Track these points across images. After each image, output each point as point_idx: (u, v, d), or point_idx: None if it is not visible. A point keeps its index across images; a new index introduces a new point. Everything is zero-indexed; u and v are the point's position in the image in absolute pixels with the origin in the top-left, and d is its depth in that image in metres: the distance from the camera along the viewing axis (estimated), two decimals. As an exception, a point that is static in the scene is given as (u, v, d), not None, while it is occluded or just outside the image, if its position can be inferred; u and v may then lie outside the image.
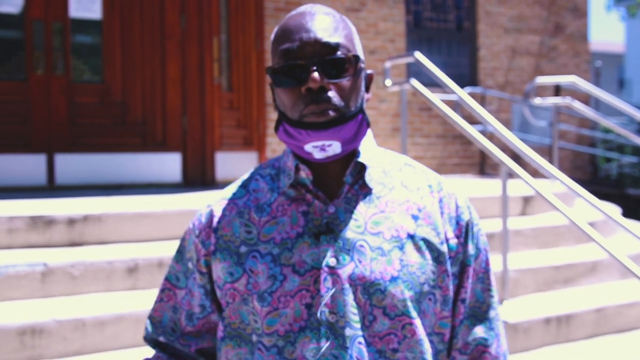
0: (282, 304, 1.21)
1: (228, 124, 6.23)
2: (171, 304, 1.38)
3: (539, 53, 9.31)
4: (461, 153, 8.71)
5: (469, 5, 8.87)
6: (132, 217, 3.80)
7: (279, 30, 1.27)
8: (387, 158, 1.36)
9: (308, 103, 1.20)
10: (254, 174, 1.37)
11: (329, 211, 1.25)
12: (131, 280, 3.43)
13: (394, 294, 1.20)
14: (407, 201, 1.29)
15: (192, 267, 1.34)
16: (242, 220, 1.29)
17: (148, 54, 5.67)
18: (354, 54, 1.24)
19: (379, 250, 1.22)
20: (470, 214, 1.33)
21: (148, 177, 5.66)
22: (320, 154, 1.23)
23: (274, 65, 1.25)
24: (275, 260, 1.23)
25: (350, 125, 1.22)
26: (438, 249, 1.26)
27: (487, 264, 1.35)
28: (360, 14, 7.99)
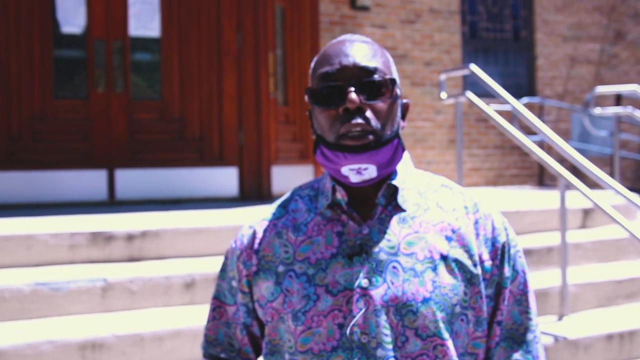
0: (315, 323, 1.24)
1: (284, 138, 6.29)
2: (223, 320, 1.42)
3: (599, 61, 9.10)
4: (519, 164, 8.57)
5: (526, 14, 8.75)
6: (188, 232, 3.87)
7: (319, 57, 1.32)
8: (423, 179, 1.37)
9: (345, 122, 1.23)
10: (294, 194, 1.41)
11: (362, 232, 1.27)
12: (188, 295, 3.48)
13: (426, 315, 1.21)
14: (442, 222, 1.29)
15: (236, 285, 1.38)
16: (281, 240, 1.32)
17: (205, 70, 5.77)
18: (390, 77, 1.27)
19: (412, 272, 1.23)
20: (507, 236, 1.32)
21: (205, 192, 5.75)
22: (356, 178, 1.26)
23: (313, 87, 1.28)
24: (309, 280, 1.26)
25: (386, 149, 1.25)
26: (471, 271, 1.26)
27: (525, 286, 1.34)
28: (416, 25, 7.97)
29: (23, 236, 3.53)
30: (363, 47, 1.28)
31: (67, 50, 5.49)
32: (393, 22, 7.84)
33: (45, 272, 3.41)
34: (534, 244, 4.36)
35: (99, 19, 5.48)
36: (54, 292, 3.23)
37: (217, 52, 5.80)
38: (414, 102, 7.98)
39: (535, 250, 4.33)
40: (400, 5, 7.88)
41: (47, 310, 3.23)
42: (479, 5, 8.46)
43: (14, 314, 3.18)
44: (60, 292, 3.25)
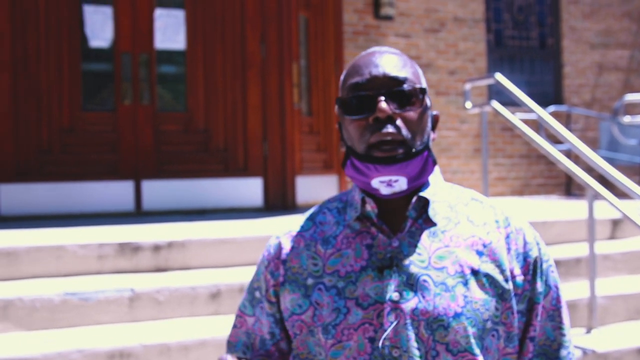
0: (345, 336, 1.23)
1: (308, 148, 6.31)
2: (244, 329, 1.43)
3: (628, 68, 9.00)
4: (546, 173, 8.49)
5: (552, 21, 8.69)
6: (213, 242, 3.89)
7: (349, 68, 1.32)
8: (454, 192, 1.36)
9: (375, 132, 1.23)
10: (322, 207, 1.41)
11: (392, 245, 1.26)
12: (214, 305, 3.50)
13: (457, 330, 1.20)
14: (473, 236, 1.28)
15: (259, 296, 1.38)
16: (309, 252, 1.32)
17: (230, 81, 5.82)
18: (420, 87, 1.27)
19: (443, 286, 1.22)
20: (539, 250, 1.31)
21: (230, 202, 5.78)
22: (386, 190, 1.25)
23: (343, 97, 1.29)
24: (339, 293, 1.25)
25: (417, 161, 1.24)
26: (502, 286, 1.24)
27: (559, 302, 1.32)
28: (440, 34, 7.95)
29: (53, 247, 3.58)
30: (393, 58, 1.28)
31: (95, 63, 5.56)
32: (417, 31, 7.84)
33: (74, 282, 3.45)
34: (561, 255, 4.32)
35: (125, 33, 5.55)
36: (83, 302, 3.27)
37: (241, 64, 5.84)
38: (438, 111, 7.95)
39: (563, 261, 4.28)
40: (424, 14, 7.87)
41: (76, 319, 3.26)
42: (505, 13, 8.42)
43: (44, 323, 3.22)
44: (89, 302, 3.28)
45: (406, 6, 7.77)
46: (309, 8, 6.47)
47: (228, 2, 5.83)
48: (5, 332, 3.18)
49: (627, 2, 9.02)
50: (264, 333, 1.39)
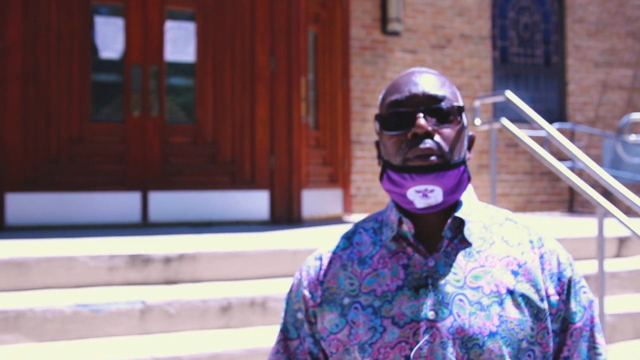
0: (382, 355, 1.24)
1: (314, 162, 6.32)
2: (286, 355, 1.41)
3: (632, 87, 9.04)
4: (549, 190, 8.51)
5: (557, 39, 8.74)
6: (224, 256, 3.89)
7: (388, 87, 1.35)
8: (488, 212, 1.37)
9: (413, 147, 1.25)
10: (358, 227, 1.41)
11: (428, 265, 1.27)
12: (224, 319, 3.50)
13: (492, 350, 1.20)
14: (508, 256, 1.29)
15: (301, 317, 1.38)
16: (346, 272, 1.33)
17: (238, 94, 5.84)
18: (458, 105, 1.30)
19: (478, 305, 1.23)
20: (572, 271, 1.32)
21: (236, 215, 5.79)
22: (422, 201, 1.26)
23: (382, 113, 1.31)
24: (376, 312, 1.26)
25: (453, 173, 1.26)
26: (538, 306, 1.25)
27: (593, 322, 1.32)
28: (446, 50, 7.99)
29: (64, 258, 3.59)
30: (431, 77, 1.31)
31: (104, 74, 5.59)
32: (423, 47, 7.87)
33: (85, 293, 3.45)
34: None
35: (136, 45, 5.58)
36: (94, 313, 3.27)
37: (250, 77, 5.87)
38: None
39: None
40: (431, 31, 7.92)
41: (87, 331, 3.26)
42: (510, 30, 8.47)
43: (55, 334, 3.22)
44: (100, 313, 3.28)
45: (413, 22, 7.81)
46: (318, 23, 6.50)
47: (238, 16, 5.86)
48: (17, 342, 3.18)
49: (631, 22, 9.08)
50: (306, 355, 1.38)
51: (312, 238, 4.44)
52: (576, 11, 8.74)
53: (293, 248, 4.06)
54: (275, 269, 3.98)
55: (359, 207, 7.49)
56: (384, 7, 7.57)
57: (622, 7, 9.03)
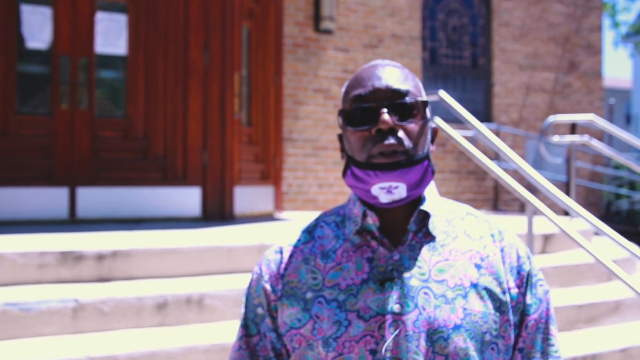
0: (346, 349, 1.23)
1: (246, 159, 6.28)
2: (248, 351, 1.39)
3: (553, 90, 9.38)
4: (475, 189, 8.73)
5: (484, 42, 8.97)
6: (158, 252, 3.82)
7: (351, 80, 1.33)
8: (449, 207, 1.39)
9: (377, 143, 1.24)
10: (319, 221, 1.40)
11: (393, 258, 1.27)
12: (160, 316, 3.44)
13: (457, 342, 1.22)
14: (470, 250, 1.31)
15: (262, 312, 1.36)
16: (308, 266, 1.32)
17: (171, 89, 5.74)
18: (422, 100, 1.30)
19: (443, 298, 1.24)
20: (530, 264, 1.34)
21: (168, 211, 5.69)
22: (386, 197, 1.26)
23: (346, 108, 1.30)
24: (340, 306, 1.26)
25: (417, 169, 1.27)
26: (500, 299, 1.28)
27: (548, 314, 1.35)
28: (377, 50, 8.08)
29: (-10, 255, 3.44)
30: (395, 70, 1.30)
31: (31, 65, 5.39)
32: (356, 46, 7.94)
33: (14, 292, 3.32)
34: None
35: (65, 35, 5.40)
36: (24, 312, 3.15)
37: (183, 71, 5.78)
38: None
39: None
40: (363, 30, 7.99)
41: (17, 331, 3.14)
42: (439, 32, 8.64)
43: (-18, 335, 3.09)
44: (31, 312, 3.17)
45: (346, 21, 7.87)
46: (252, 19, 6.46)
47: (171, 9, 5.76)
48: (-60, 343, 3.03)
49: (553, 27, 9.41)
50: (268, 351, 1.36)
51: (247, 234, 4.41)
52: (502, 15, 9.00)
53: (229, 244, 4.03)
54: (211, 265, 3.93)
55: (290, 204, 7.49)
56: (317, 5, 7.59)
57: (544, 13, 9.35)
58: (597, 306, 4.49)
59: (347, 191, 7.85)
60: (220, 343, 3.25)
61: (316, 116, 7.69)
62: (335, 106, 7.78)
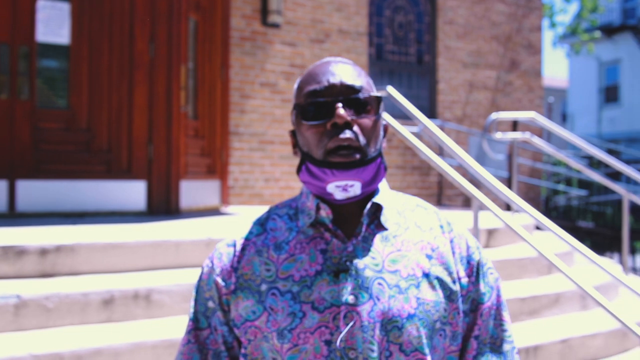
0: (301, 340, 1.25)
1: (192, 152, 6.21)
2: (197, 345, 1.38)
3: (495, 88, 9.57)
4: (419, 184, 8.84)
5: (429, 39, 9.08)
6: (104, 247, 3.74)
7: (305, 76, 1.35)
8: (400, 199, 1.42)
9: (333, 137, 1.26)
10: (271, 213, 1.41)
11: (347, 249, 1.29)
12: (107, 312, 3.37)
13: (410, 331, 1.25)
14: (421, 241, 1.34)
15: (213, 306, 1.36)
16: (262, 259, 1.33)
17: (116, 81, 5.63)
18: (376, 96, 1.32)
19: (397, 288, 1.27)
20: (480, 254, 1.39)
21: (112, 205, 5.58)
22: (341, 194, 1.29)
23: (300, 103, 1.31)
24: (295, 298, 1.27)
25: (371, 167, 1.29)
26: (450, 288, 1.31)
27: (499, 301, 1.39)
28: (324, 45, 8.09)
29: None
30: (348, 67, 1.33)
31: (-31, 53, 5.20)
32: (303, 40, 7.93)
33: (-48, 288, 3.21)
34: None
35: (4, 23, 5.23)
36: (-37, 309, 3.05)
37: (128, 63, 5.67)
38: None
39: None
40: (310, 25, 7.99)
41: (-44, 329, 3.04)
42: (386, 28, 8.71)
43: None
44: (-29, 309, 3.06)
45: (293, 15, 7.85)
46: (199, 11, 6.39)
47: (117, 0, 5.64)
48: None
49: (495, 26, 9.59)
50: (218, 345, 1.36)
51: (194, 229, 4.36)
52: (447, 13, 9.13)
53: (176, 239, 3.98)
54: (158, 260, 3.88)
55: (237, 198, 7.45)
56: (265, -1, 7.55)
57: (487, 12, 9.52)
58: (539, 299, 4.61)
59: (293, 186, 7.84)
60: (169, 339, 3.21)
61: (263, 110, 7.66)
62: (282, 100, 7.76)
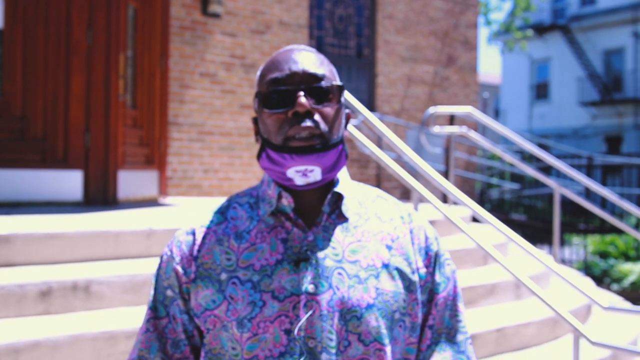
0: (261, 329, 1.25)
1: (131, 142, 6.11)
2: (156, 334, 1.37)
3: (432, 82, 9.73)
4: (358, 176, 8.92)
5: (369, 33, 9.16)
6: (41, 237, 3.65)
7: (267, 63, 1.34)
8: (360, 190, 1.42)
9: (293, 125, 1.26)
10: (232, 202, 1.40)
11: (308, 239, 1.29)
12: (44, 304, 3.30)
13: (369, 321, 1.26)
14: (382, 232, 1.35)
15: (172, 295, 1.35)
16: (222, 247, 1.32)
17: (52, 67, 5.48)
18: (338, 84, 1.32)
19: (356, 278, 1.28)
20: (438, 245, 1.40)
21: (47, 195, 5.44)
22: (301, 180, 1.29)
23: (262, 91, 1.31)
24: (255, 287, 1.27)
25: (332, 153, 1.29)
26: (409, 279, 1.32)
27: (455, 292, 1.41)
28: (265, 36, 8.07)
29: None
30: (310, 55, 1.33)
31: None
32: (243, 31, 7.89)
33: None
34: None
35: None
36: None
37: (65, 49, 5.53)
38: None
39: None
40: (251, 15, 7.95)
41: None
42: (326, 21, 8.74)
43: None
44: None
45: (234, 5, 7.79)
46: (138, -2, 6.27)
47: (53, -17, 5.49)
48: None
49: (433, 22, 9.75)
50: (177, 334, 1.35)
51: (134, 220, 4.30)
52: (386, 8, 9.22)
53: (116, 230, 3.91)
54: (98, 251, 3.81)
55: (175, 189, 7.37)
56: (205, -12, 7.47)
57: (425, 8, 9.67)
58: (475, 289, 4.73)
59: (232, 177, 7.81)
60: (110, 330, 3.16)
61: (202, 101, 7.59)
62: (222, 91, 7.71)
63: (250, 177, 7.98)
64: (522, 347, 4.43)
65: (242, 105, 7.90)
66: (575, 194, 6.13)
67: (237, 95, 7.85)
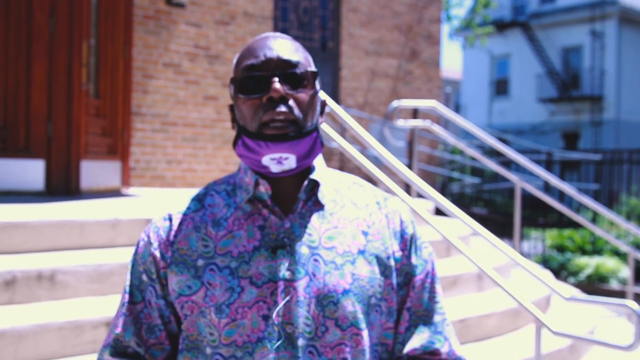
0: (239, 315, 1.26)
1: (93, 132, 6.04)
2: (132, 318, 1.38)
3: (396, 76, 9.80)
4: (322, 169, 8.95)
5: (333, 26, 9.18)
6: (4, 227, 3.60)
7: (243, 50, 1.36)
8: (336, 177, 1.44)
9: (268, 111, 1.28)
10: (209, 189, 1.42)
11: (284, 226, 1.31)
12: (8, 294, 3.25)
13: (346, 307, 1.28)
14: (357, 218, 1.37)
15: (147, 280, 1.36)
16: (199, 234, 1.33)
17: (12, 55, 5.38)
18: (312, 71, 1.34)
19: (332, 264, 1.30)
20: (413, 228, 1.42)
21: (8, 185, 5.36)
22: (276, 167, 1.30)
23: (237, 77, 1.33)
24: (233, 273, 1.28)
25: (307, 141, 1.30)
26: (385, 264, 1.35)
27: (433, 274, 1.42)
28: (229, 27, 8.03)
29: None
30: (286, 42, 1.34)
31: None
32: (208, 21, 7.84)
33: None
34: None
35: None
36: None
37: (26, 37, 5.43)
38: (224, 104, 8.04)
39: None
40: (215, 6, 7.90)
41: None
42: (291, 12, 8.74)
43: None
44: None
45: (198, -5, 7.75)
46: (102, -14, 6.19)
47: (15, -31, 5.38)
48: None
49: (397, 16, 9.81)
50: (152, 319, 1.36)
51: (98, 210, 4.26)
52: (351, 1, 9.25)
53: (81, 219, 3.88)
54: (62, 241, 3.77)
55: (138, 180, 7.30)
56: (170, -23, 7.41)
57: (390, 2, 9.73)
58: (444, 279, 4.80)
59: (196, 168, 7.77)
60: (75, 320, 3.13)
61: (166, 91, 7.53)
62: (186, 82, 7.66)
63: (214, 168, 7.95)
64: (484, 337, 4.51)
65: (206, 96, 7.86)
66: (535, 189, 6.25)
67: (201, 87, 7.80)
